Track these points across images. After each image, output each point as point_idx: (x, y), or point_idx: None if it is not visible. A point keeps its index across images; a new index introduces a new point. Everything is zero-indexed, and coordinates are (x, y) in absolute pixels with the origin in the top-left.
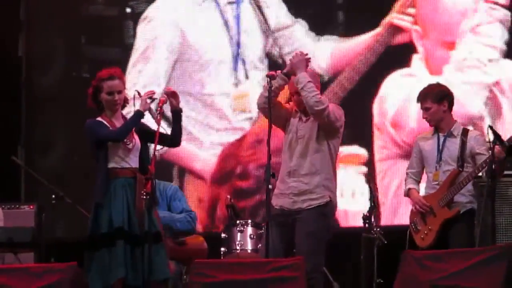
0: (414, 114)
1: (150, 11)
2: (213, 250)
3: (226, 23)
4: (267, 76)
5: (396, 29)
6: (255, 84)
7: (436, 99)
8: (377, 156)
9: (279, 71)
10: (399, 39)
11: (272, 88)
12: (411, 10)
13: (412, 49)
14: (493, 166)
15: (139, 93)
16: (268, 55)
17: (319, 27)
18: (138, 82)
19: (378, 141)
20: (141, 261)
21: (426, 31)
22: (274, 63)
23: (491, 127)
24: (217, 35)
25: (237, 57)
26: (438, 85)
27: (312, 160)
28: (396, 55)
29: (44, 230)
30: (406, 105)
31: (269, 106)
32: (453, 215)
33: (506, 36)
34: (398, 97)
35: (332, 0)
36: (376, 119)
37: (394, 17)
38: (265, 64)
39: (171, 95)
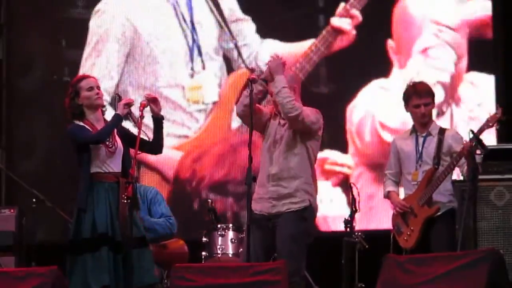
0: (370, 126)
1: (102, 5)
2: (194, 255)
3: (178, 15)
4: (249, 79)
5: (337, 33)
6: (210, 75)
7: (432, 96)
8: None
9: (257, 76)
10: (339, 43)
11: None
12: (356, 12)
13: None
14: (478, 169)
15: (119, 97)
16: (223, 47)
17: (264, 29)
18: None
19: (350, 148)
20: (124, 267)
21: (399, 47)
22: (229, 54)
23: (472, 131)
24: (169, 27)
25: (192, 48)
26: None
27: (290, 163)
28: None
29: (25, 234)
30: (368, 117)
31: (251, 110)
32: (434, 212)
33: (454, 58)
34: (364, 108)
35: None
36: (348, 126)
37: (334, 20)
38: (221, 55)
39: (152, 101)
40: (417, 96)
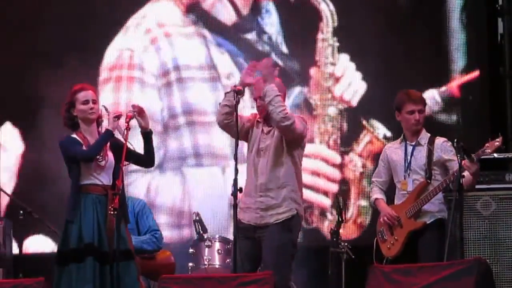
0: None
1: None
2: (181, 265)
3: None
4: (234, 91)
5: None
6: None
7: (425, 104)
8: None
9: (239, 87)
10: None
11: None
12: None
13: None
14: (461, 180)
15: (106, 109)
16: None
17: None
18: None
19: None
20: (110, 279)
21: None
22: None
23: (458, 141)
24: None
25: None
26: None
27: (277, 173)
28: None
29: (12, 246)
30: None
31: (236, 122)
32: (419, 227)
33: None
34: None
35: None
36: None
37: None
38: None
39: (138, 113)
40: (413, 103)
